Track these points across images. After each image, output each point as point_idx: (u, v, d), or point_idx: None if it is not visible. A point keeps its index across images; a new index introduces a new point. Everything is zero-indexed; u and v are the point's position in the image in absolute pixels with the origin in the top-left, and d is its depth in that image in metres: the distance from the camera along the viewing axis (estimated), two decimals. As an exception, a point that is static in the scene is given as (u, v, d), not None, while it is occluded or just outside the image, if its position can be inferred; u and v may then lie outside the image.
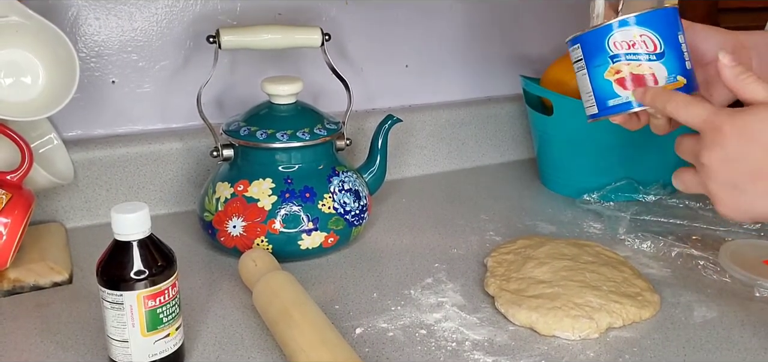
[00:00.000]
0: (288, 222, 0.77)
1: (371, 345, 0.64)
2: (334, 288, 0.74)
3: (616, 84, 0.66)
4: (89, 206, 0.89)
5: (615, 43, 0.65)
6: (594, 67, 0.67)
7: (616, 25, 0.65)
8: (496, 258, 0.77)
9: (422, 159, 1.09)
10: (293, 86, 0.80)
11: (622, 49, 0.65)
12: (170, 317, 0.58)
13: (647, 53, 0.64)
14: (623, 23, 0.65)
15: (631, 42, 0.65)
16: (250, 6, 0.94)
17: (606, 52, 0.66)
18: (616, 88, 0.66)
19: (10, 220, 0.70)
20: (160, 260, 0.57)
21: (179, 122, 0.95)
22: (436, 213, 0.94)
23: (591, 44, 0.67)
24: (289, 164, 0.79)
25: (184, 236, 0.86)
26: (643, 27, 0.64)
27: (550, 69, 1.05)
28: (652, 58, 0.64)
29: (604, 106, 0.67)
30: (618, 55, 0.65)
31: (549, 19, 1.16)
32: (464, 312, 0.69)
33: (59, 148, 0.86)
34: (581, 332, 0.64)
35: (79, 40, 0.87)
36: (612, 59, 0.65)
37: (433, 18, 1.07)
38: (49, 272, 0.74)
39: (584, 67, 0.67)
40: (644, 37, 0.64)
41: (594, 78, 0.67)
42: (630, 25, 0.64)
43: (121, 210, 0.56)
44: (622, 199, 0.96)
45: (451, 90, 1.13)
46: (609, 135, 0.94)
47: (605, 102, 0.67)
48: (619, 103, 0.66)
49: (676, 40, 0.65)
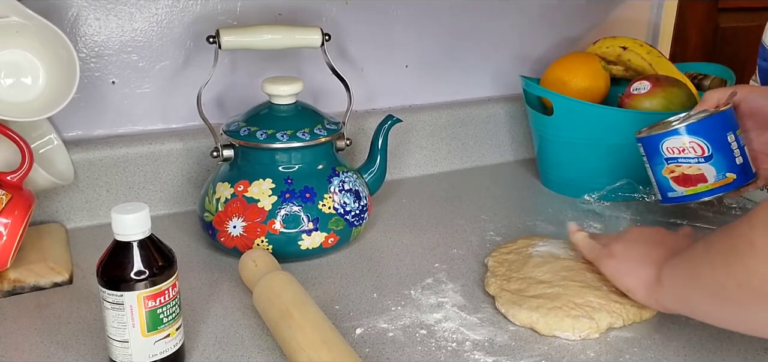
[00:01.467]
0: (288, 223, 0.77)
1: (371, 345, 0.64)
2: (334, 288, 0.74)
3: (672, 181, 0.77)
4: (89, 206, 0.89)
5: (668, 148, 0.76)
6: (654, 164, 0.79)
7: (668, 133, 0.76)
8: (496, 258, 0.77)
9: (422, 159, 1.09)
10: (293, 86, 0.80)
11: (674, 154, 0.75)
12: (170, 317, 0.58)
13: (696, 157, 0.74)
14: (674, 132, 0.75)
15: (681, 148, 0.75)
16: (250, 6, 0.94)
17: (661, 155, 0.77)
18: (673, 184, 0.77)
19: (10, 221, 0.70)
20: (160, 260, 0.57)
21: (179, 122, 0.95)
22: (436, 213, 0.94)
23: (649, 146, 0.78)
24: (290, 164, 0.79)
25: (184, 236, 0.86)
26: (692, 135, 0.74)
27: (550, 69, 1.05)
28: (701, 161, 0.74)
29: (666, 197, 0.79)
30: (671, 158, 0.75)
31: (549, 19, 1.16)
32: (464, 312, 0.69)
33: (59, 148, 0.86)
34: (581, 332, 0.64)
35: (80, 41, 0.87)
36: (667, 161, 0.77)
37: (433, 18, 1.07)
38: (49, 272, 0.74)
39: (647, 162, 0.80)
40: (693, 144, 0.74)
41: (655, 173, 0.79)
42: (680, 134, 0.75)
43: (122, 211, 0.56)
44: (622, 199, 0.96)
45: (451, 90, 1.13)
46: (609, 135, 0.94)
47: (666, 194, 0.79)
48: (676, 196, 0.78)
49: (724, 142, 0.74)
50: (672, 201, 0.78)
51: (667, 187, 0.78)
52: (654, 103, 0.92)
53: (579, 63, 1.03)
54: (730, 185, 0.74)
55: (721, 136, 0.74)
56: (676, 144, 0.75)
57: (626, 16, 1.23)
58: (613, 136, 0.93)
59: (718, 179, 0.74)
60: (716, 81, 1.04)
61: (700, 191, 0.76)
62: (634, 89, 0.95)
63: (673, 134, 0.75)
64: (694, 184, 0.75)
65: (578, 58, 1.05)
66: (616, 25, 1.22)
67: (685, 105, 0.93)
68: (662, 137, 0.76)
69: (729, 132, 0.74)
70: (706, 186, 0.75)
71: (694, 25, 1.58)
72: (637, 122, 0.92)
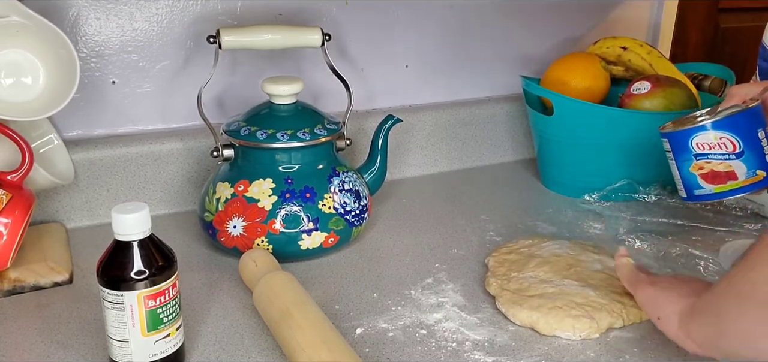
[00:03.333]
0: (288, 223, 0.77)
1: (371, 345, 0.64)
2: (334, 288, 0.74)
3: (700, 178, 0.75)
4: (90, 206, 0.89)
5: (697, 144, 0.73)
6: (681, 160, 0.76)
7: (699, 129, 0.73)
8: (497, 258, 0.77)
9: (422, 159, 1.09)
10: (293, 86, 0.80)
11: (703, 150, 0.73)
12: (170, 317, 0.58)
13: (727, 153, 0.72)
14: (704, 128, 0.73)
15: (711, 144, 0.73)
16: (251, 6, 0.94)
17: (690, 151, 0.74)
18: (701, 181, 0.75)
19: (10, 220, 0.70)
20: (160, 260, 0.57)
21: (180, 122, 0.95)
22: (437, 213, 0.94)
23: (677, 142, 0.75)
24: (290, 164, 0.79)
25: (184, 236, 0.86)
26: (723, 131, 0.72)
27: (550, 69, 1.05)
28: (732, 158, 0.72)
29: (691, 193, 0.77)
30: (700, 155, 0.73)
31: (549, 19, 1.16)
32: (464, 312, 0.69)
33: (60, 148, 0.86)
34: (582, 332, 0.64)
35: (80, 40, 0.87)
36: (695, 157, 0.74)
37: (433, 18, 1.07)
38: (49, 272, 0.74)
39: (673, 158, 0.77)
40: (724, 140, 0.72)
41: (681, 169, 0.76)
42: (711, 130, 0.72)
43: (122, 211, 0.56)
44: (623, 199, 0.96)
45: (451, 90, 1.13)
46: (609, 135, 0.94)
47: (692, 191, 0.76)
48: (703, 194, 0.75)
49: (755, 139, 0.72)
50: (698, 198, 0.76)
51: (693, 184, 0.75)
52: (654, 103, 0.92)
53: (579, 63, 1.03)
54: (760, 183, 0.73)
55: (752, 132, 0.72)
56: (706, 140, 0.73)
57: (626, 16, 1.23)
58: (614, 137, 0.93)
59: (749, 176, 0.73)
60: (716, 81, 1.04)
61: (729, 189, 0.74)
62: (635, 89, 0.95)
63: (703, 130, 0.73)
64: (724, 181, 0.73)
65: (578, 59, 1.05)
66: (616, 25, 1.22)
67: (686, 105, 0.93)
68: (692, 133, 0.74)
69: (759, 128, 0.72)
70: (736, 183, 0.73)
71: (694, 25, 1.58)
72: (638, 122, 0.92)
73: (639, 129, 0.92)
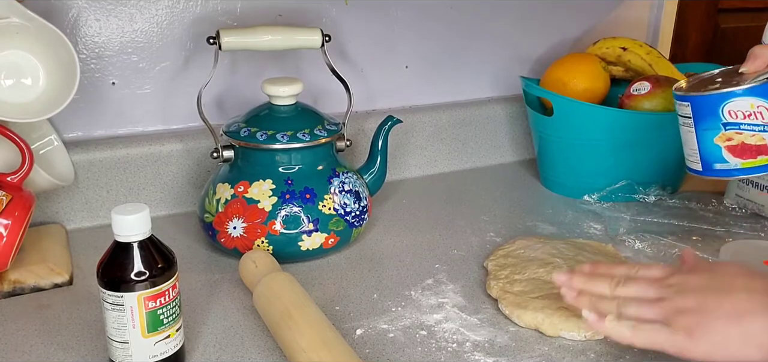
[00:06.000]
0: (288, 224, 0.77)
1: (372, 346, 0.64)
2: (334, 289, 0.74)
3: (726, 150, 0.66)
4: (89, 207, 0.89)
5: (730, 111, 0.64)
6: (703, 129, 0.66)
7: (733, 94, 0.64)
8: (495, 261, 0.77)
9: (422, 159, 1.09)
10: (293, 87, 0.80)
11: (736, 119, 0.64)
12: (171, 318, 0.58)
13: (763, 125, 0.64)
14: (736, 94, 0.64)
15: (747, 112, 0.64)
16: (251, 7, 0.94)
17: (719, 118, 0.65)
18: (726, 154, 0.66)
19: (10, 222, 0.70)
20: (160, 261, 0.57)
21: (179, 123, 0.95)
22: (437, 214, 0.94)
23: (703, 107, 0.66)
24: (290, 165, 0.79)
25: (184, 237, 0.86)
26: (762, 98, 0.63)
27: (550, 69, 1.05)
28: (766, 129, 0.64)
29: (709, 167, 0.68)
30: (731, 124, 0.64)
31: (549, 19, 1.16)
32: (465, 313, 0.69)
33: (59, 149, 0.86)
34: (587, 332, 0.64)
35: (80, 42, 0.87)
36: (724, 126, 0.65)
37: (433, 18, 1.07)
38: (49, 273, 0.74)
39: (692, 125, 0.67)
40: (761, 108, 0.64)
41: (702, 140, 0.67)
42: (747, 95, 0.63)
43: (122, 212, 0.56)
44: (622, 200, 0.96)
45: (451, 90, 1.13)
46: (609, 136, 0.94)
47: (711, 164, 0.67)
48: (725, 169, 0.67)
49: None
50: (718, 174, 0.67)
51: (715, 157, 0.66)
52: (654, 103, 0.92)
53: (579, 64, 1.03)
54: None
55: None
56: (741, 107, 0.64)
57: (626, 16, 1.23)
58: (613, 137, 0.93)
59: None
60: (716, 81, 1.04)
61: (758, 164, 0.66)
62: (634, 90, 0.95)
63: (737, 95, 0.64)
64: (754, 156, 0.65)
65: (578, 59, 1.05)
66: (616, 26, 1.22)
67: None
68: (724, 98, 0.64)
69: None
70: (765, 158, 0.65)
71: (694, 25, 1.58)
72: (637, 123, 0.92)
73: (639, 129, 0.92)
